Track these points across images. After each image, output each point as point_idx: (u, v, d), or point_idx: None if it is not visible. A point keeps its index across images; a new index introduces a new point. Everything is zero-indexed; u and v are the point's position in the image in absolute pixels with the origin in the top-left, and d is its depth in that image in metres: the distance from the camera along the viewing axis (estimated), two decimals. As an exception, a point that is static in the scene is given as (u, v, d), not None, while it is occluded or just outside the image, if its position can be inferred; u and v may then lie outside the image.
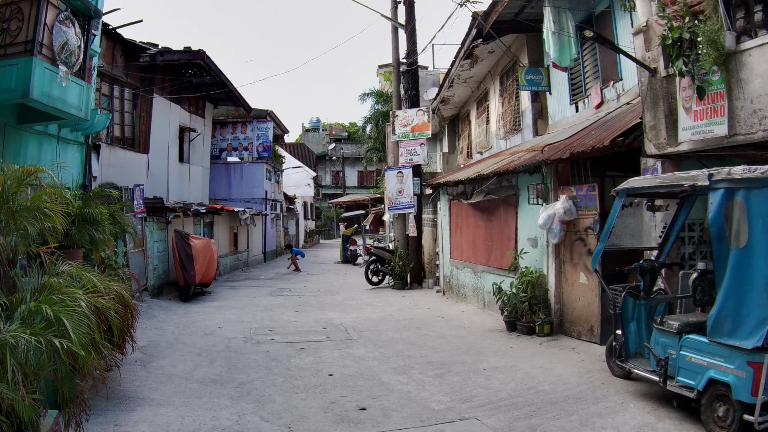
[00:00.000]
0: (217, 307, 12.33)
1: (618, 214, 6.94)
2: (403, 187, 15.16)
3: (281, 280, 18.03)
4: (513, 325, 9.82)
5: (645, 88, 7.69)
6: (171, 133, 18.05)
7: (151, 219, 12.92)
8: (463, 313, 11.61)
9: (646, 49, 7.67)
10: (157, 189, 16.78)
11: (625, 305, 6.78)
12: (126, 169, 14.86)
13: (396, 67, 16.03)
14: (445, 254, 13.98)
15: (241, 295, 14.29)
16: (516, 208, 10.75)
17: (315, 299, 13.78)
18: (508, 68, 14.74)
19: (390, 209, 15.37)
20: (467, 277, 12.79)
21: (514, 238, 10.79)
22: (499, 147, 15.88)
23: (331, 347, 8.71)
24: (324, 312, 11.90)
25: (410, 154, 15.25)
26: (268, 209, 24.57)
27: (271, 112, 24.35)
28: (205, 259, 13.05)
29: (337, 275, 19.43)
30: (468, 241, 12.76)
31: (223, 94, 21.09)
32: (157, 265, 13.21)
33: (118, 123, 15.25)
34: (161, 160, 17.28)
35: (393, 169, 15.49)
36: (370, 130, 47.84)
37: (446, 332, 9.84)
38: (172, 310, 11.87)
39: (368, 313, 11.83)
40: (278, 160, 28.17)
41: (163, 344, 8.84)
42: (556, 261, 9.55)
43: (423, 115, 15.33)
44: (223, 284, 16.59)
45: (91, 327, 4.04)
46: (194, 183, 19.84)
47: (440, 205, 14.38)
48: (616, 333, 6.77)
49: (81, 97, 9.44)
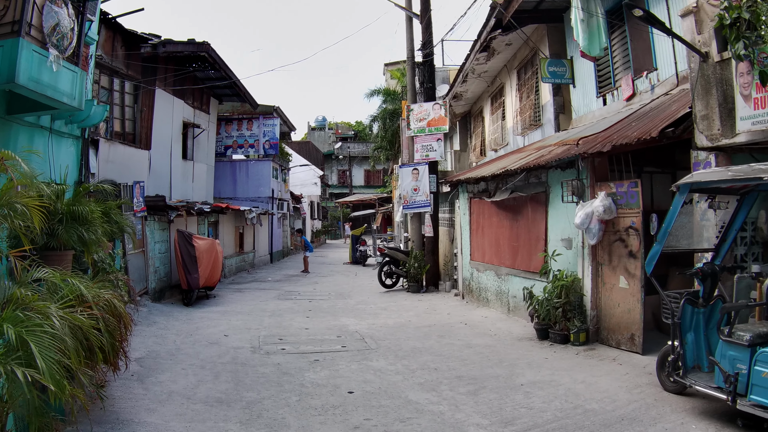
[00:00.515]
0: (222, 313, 11.53)
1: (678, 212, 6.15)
2: (419, 184, 14.33)
3: (289, 282, 17.22)
4: (544, 333, 9.01)
5: (695, 75, 6.98)
6: (174, 128, 17.28)
7: (152, 218, 12.14)
8: (487, 319, 10.79)
9: (697, 32, 6.99)
10: (160, 187, 16.02)
11: (684, 314, 5.99)
12: (126, 166, 14.11)
13: (410, 59, 15.22)
14: (465, 256, 13.15)
15: (247, 299, 13.49)
16: (546, 207, 9.94)
17: (326, 303, 12.97)
18: (527, 61, 14.00)
19: (405, 208, 14.55)
20: (490, 281, 11.96)
21: (543, 239, 9.97)
22: (516, 144, 15.15)
23: (348, 359, 7.90)
24: (337, 318, 11.09)
25: (426, 150, 14.42)
26: (274, 208, 23.78)
27: (277, 108, 23.56)
28: (209, 261, 12.26)
29: (347, 277, 18.62)
30: (491, 241, 11.93)
31: (228, 89, 20.33)
32: (158, 267, 12.42)
33: (119, 117, 14.48)
34: (164, 156, 16.51)
35: (408, 166, 14.66)
36: (378, 128, 47.14)
37: (472, 341, 9.02)
38: (174, 315, 11.08)
39: (384, 318, 11.01)
40: (285, 158, 27.39)
41: (164, 355, 8.04)
42: (593, 263, 8.74)
43: (440, 109, 14.50)
44: (228, 287, 15.80)
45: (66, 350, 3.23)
46: (198, 181, 19.06)
47: (459, 203, 13.56)
48: (672, 344, 5.99)
49: (74, 85, 8.64)
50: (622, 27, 10.22)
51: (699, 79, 6.88)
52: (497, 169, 10.95)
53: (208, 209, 14.54)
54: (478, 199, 12.37)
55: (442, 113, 14.49)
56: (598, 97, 11.15)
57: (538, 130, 13.56)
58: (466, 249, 13.05)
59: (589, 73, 11.24)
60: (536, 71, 13.17)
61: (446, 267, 14.65)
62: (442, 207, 15.17)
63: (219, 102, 21.50)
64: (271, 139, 23.19)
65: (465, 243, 13.11)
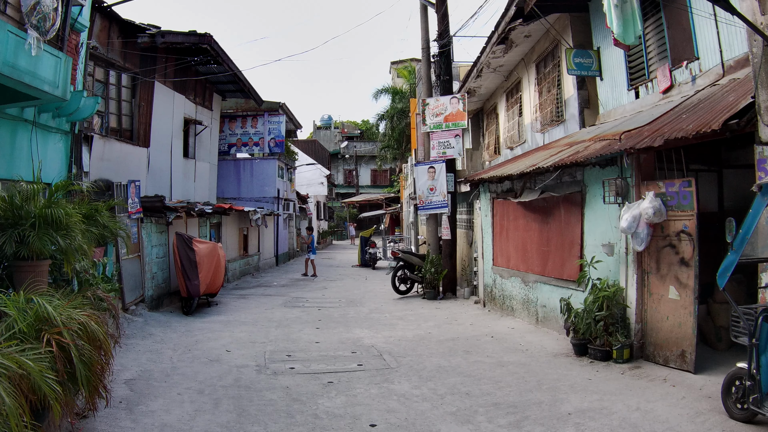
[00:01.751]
0: (224, 323, 10.60)
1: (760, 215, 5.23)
2: (435, 184, 13.38)
3: (296, 287, 16.29)
4: (583, 348, 8.07)
5: (758, 61, 6.17)
6: (175, 125, 16.38)
7: (148, 220, 11.22)
8: (514, 331, 9.83)
9: (761, 12, 6.11)
10: (159, 187, 15.13)
11: (762, 333, 5.07)
12: (123, 164, 13.23)
13: (425, 50, 14.27)
14: (487, 260, 12.19)
15: (251, 307, 12.55)
16: (581, 208, 8.99)
17: (337, 312, 12.02)
18: (547, 54, 13.13)
19: (420, 209, 13.59)
20: (515, 288, 11.00)
21: (578, 244, 9.02)
22: (534, 141, 14.28)
23: (367, 380, 6.95)
24: (350, 329, 10.14)
25: (443, 146, 13.47)
26: (280, 209, 22.86)
27: (283, 104, 22.64)
28: (210, 266, 11.34)
29: (357, 281, 17.66)
30: (517, 246, 10.97)
31: (232, 84, 19.43)
32: (155, 273, 11.50)
33: (115, 113, 13.59)
34: (164, 154, 15.61)
35: (423, 164, 13.70)
36: (384, 127, 46.20)
37: (503, 358, 8.06)
38: (173, 326, 10.15)
39: (402, 330, 10.06)
40: (291, 156, 26.48)
41: (158, 375, 7.11)
42: (638, 272, 7.80)
43: (458, 104, 13.55)
44: (231, 293, 14.87)
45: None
46: (200, 180, 18.16)
47: (479, 204, 12.60)
48: (743, 367, 5.20)
49: (57, 71, 7.73)
50: (657, 14, 9.33)
51: (763, 66, 6.05)
52: (525, 167, 9.99)
53: (210, 210, 13.63)
54: (503, 200, 11.42)
55: (460, 108, 13.54)
56: (630, 90, 10.32)
57: (560, 126, 12.67)
58: (488, 253, 12.09)
59: (618, 64, 10.40)
60: (558, 64, 12.38)
61: (464, 272, 13.69)
62: (460, 208, 14.22)
63: (222, 98, 20.61)
64: (276, 137, 22.27)
65: (487, 247, 12.16)
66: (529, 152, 13.20)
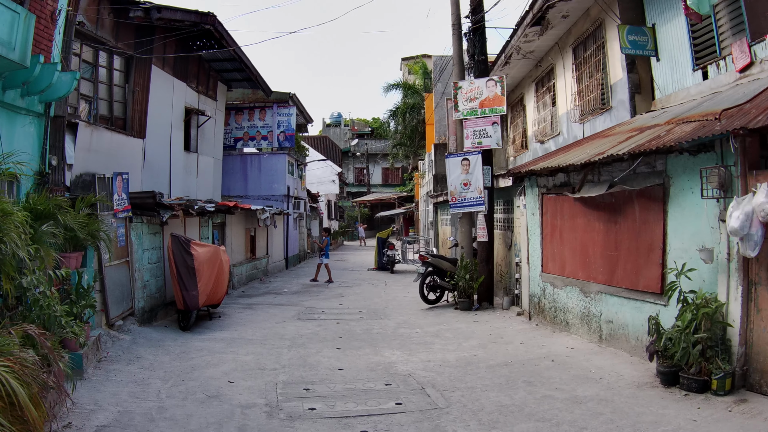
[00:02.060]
0: (227, 341, 8.93)
1: None
2: (470, 178, 11.68)
3: (309, 294, 14.59)
4: (672, 377, 6.38)
5: None
6: (174, 115, 14.78)
7: (138, 220, 9.57)
8: (576, 352, 8.12)
9: None
10: (157, 183, 13.54)
11: None
12: (114, 157, 11.65)
13: (456, 26, 12.57)
14: (534, 266, 10.48)
15: (259, 319, 10.88)
16: (663, 204, 7.29)
17: (359, 326, 10.33)
18: (587, 36, 11.68)
19: (453, 207, 11.88)
20: (571, 299, 9.29)
21: (659, 248, 7.31)
22: (571, 133, 12.80)
23: (411, 428, 5.27)
24: (378, 349, 8.46)
25: (478, 135, 11.77)
26: (290, 208, 21.20)
27: (293, 95, 20.99)
28: (211, 273, 9.69)
29: (376, 287, 15.95)
30: (574, 249, 9.27)
31: (238, 72, 17.81)
32: (147, 281, 9.86)
33: (105, 98, 12.00)
34: (161, 147, 14.01)
35: (456, 156, 11.99)
36: (396, 124, 44.54)
37: (576, 391, 6.37)
38: (166, 345, 8.50)
39: (441, 351, 8.37)
40: (302, 152, 24.84)
41: (139, 421, 5.44)
42: (744, 283, 6.12)
43: (495, 87, 11.85)
44: (237, 301, 13.21)
45: None
46: (203, 176, 16.55)
47: (523, 201, 10.89)
48: None
49: (14, 29, 6.08)
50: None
51: None
52: (588, 156, 8.27)
53: (213, 209, 11.97)
54: (555, 196, 9.72)
55: (497, 91, 11.84)
56: (695, 70, 8.82)
57: (605, 114, 11.20)
58: (536, 258, 10.38)
59: (679, 42, 8.95)
60: (601, 46, 11.01)
61: (502, 279, 11.97)
62: (497, 206, 12.52)
63: (228, 88, 18.99)
64: (286, 130, 20.62)
65: (534, 251, 10.45)
66: (573, 144, 11.57)
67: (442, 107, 30.62)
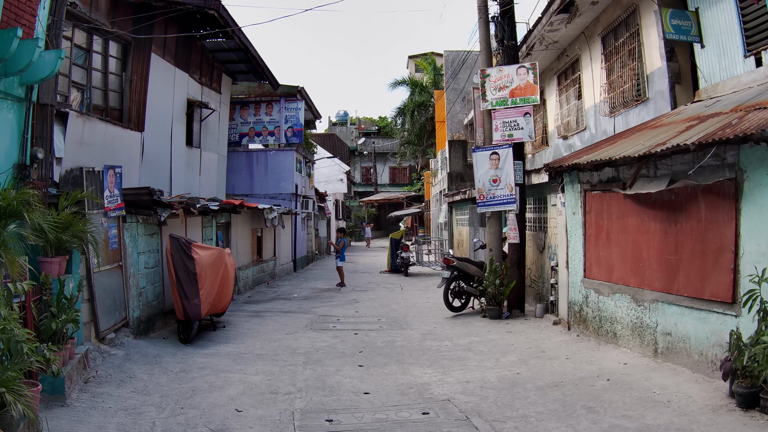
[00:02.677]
0: (234, 356, 7.87)
1: None
2: (500, 174, 10.60)
3: (321, 300, 13.52)
4: (752, 399, 5.38)
5: None
6: (176, 107, 13.76)
7: (133, 219, 8.52)
8: (631, 369, 7.05)
9: None
10: (156, 179, 12.54)
11: None
12: (110, 150, 10.67)
13: (482, 8, 11.48)
14: (574, 271, 9.39)
15: (269, 329, 9.81)
16: (736, 201, 6.22)
17: (380, 337, 9.26)
18: (618, 23, 10.94)
19: (480, 206, 10.79)
20: (620, 308, 8.21)
21: (731, 251, 6.25)
22: (600, 127, 11.99)
23: (465, 479, 4.20)
24: (405, 366, 7.39)
25: (509, 127, 10.69)
26: (298, 207, 20.15)
27: (302, 88, 19.93)
28: (215, 279, 8.64)
29: (391, 292, 14.87)
30: (624, 252, 8.19)
31: (244, 64, 16.78)
32: (144, 288, 8.81)
33: (100, 87, 10.99)
34: (162, 141, 12.99)
35: (484, 150, 10.90)
36: (403, 122, 43.45)
37: (646, 418, 5.31)
38: (163, 362, 7.45)
39: (478, 369, 7.29)
40: (310, 148, 23.78)
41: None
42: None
43: (526, 74, 10.79)
44: (243, 308, 12.16)
45: None
46: (207, 173, 15.52)
47: (562, 198, 9.81)
48: None
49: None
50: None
51: None
52: (647, 147, 7.18)
53: (216, 207, 10.92)
54: (601, 193, 8.65)
55: (530, 79, 10.77)
56: (747, 57, 7.93)
57: (639, 107, 10.41)
58: (577, 262, 9.30)
59: (728, 26, 8.16)
60: (636, 33, 10.30)
61: (534, 284, 10.88)
62: (528, 204, 11.45)
63: (233, 81, 17.94)
64: (294, 125, 19.57)
65: (575, 254, 9.37)
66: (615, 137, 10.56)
67: (455, 103, 29.55)
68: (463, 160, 21.90)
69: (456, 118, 29.21)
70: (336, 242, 15.98)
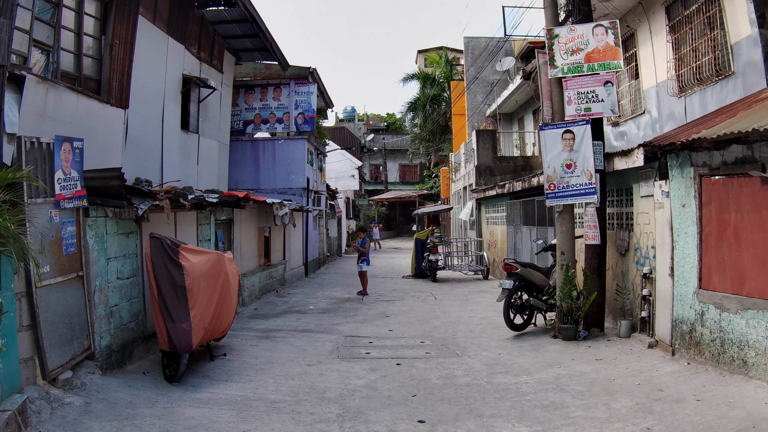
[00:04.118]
0: (238, 406, 5.60)
1: None
2: (575, 157, 8.33)
3: (343, 313, 11.20)
4: None
5: None
6: (169, 83, 11.55)
7: (100, 213, 6.27)
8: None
9: None
10: (145, 167, 10.39)
11: None
12: (83, 129, 8.46)
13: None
14: (683, 280, 7.13)
15: (284, 358, 7.53)
16: None
17: (432, 369, 6.97)
18: None
19: (551, 197, 8.50)
20: (758, 329, 5.98)
21: None
22: (665, 109, 10.39)
23: None
24: (488, 425, 5.11)
25: (585, 99, 8.45)
26: (309, 204, 17.90)
27: (314, 70, 17.68)
28: (212, 294, 6.39)
29: (425, 302, 12.52)
30: (764, 256, 5.96)
31: (249, 40, 14.58)
32: (117, 305, 6.55)
33: (71, 50, 8.80)
34: (151, 121, 10.79)
35: (555, 127, 8.63)
36: (413, 117, 41.21)
37: None
38: (138, 418, 5.19)
39: (590, 425, 5.01)
40: (322, 139, 21.53)
41: None
42: None
43: (605, 35, 8.56)
44: (248, 325, 9.91)
45: None
46: (206, 163, 13.30)
47: (664, 187, 7.54)
48: None
49: None
50: None
51: None
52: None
53: (215, 200, 8.66)
54: (727, 178, 6.42)
55: (609, 41, 8.53)
56: None
57: (722, 82, 8.85)
58: (688, 269, 7.03)
59: None
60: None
61: (618, 296, 8.58)
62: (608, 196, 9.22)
63: (237, 60, 15.71)
64: (305, 111, 17.32)
65: (684, 258, 7.10)
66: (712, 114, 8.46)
67: (477, 94, 27.34)
68: (492, 152, 19.62)
69: (477, 108, 27.02)
70: (360, 243, 13.65)
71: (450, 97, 33.17)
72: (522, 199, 13.97)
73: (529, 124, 21.76)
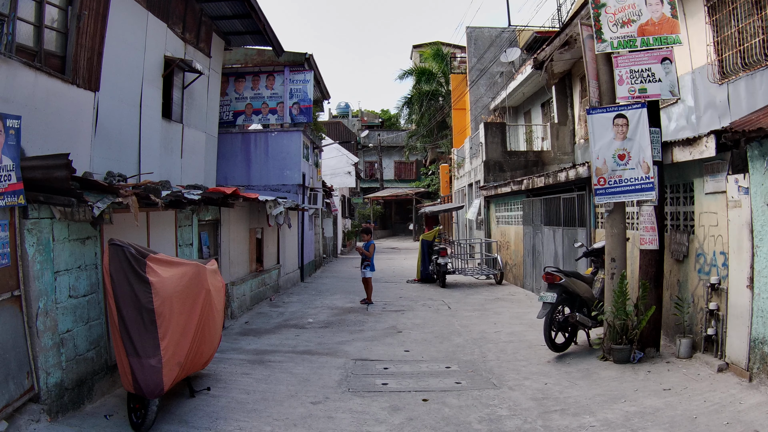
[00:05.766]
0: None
1: None
2: (628, 146, 7.02)
3: (348, 327, 9.79)
4: None
5: None
6: (148, 64, 10.15)
7: (45, 213, 4.85)
8: None
9: None
10: (119, 159, 9.04)
11: None
12: (42, 113, 7.20)
13: None
14: (767, 293, 5.83)
15: (281, 394, 6.11)
16: None
17: (469, 409, 5.59)
18: None
19: (601, 194, 7.17)
20: None
21: None
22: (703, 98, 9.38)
23: None
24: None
25: (639, 78, 7.14)
26: (305, 202, 16.50)
27: (310, 56, 16.28)
28: (189, 318, 4.99)
29: (438, 313, 11.11)
30: None
31: (239, 21, 13.18)
32: (69, 330, 5.13)
33: (32, 21, 7.42)
34: (127, 107, 9.39)
35: (605, 111, 7.30)
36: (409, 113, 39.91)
37: None
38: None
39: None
40: (319, 132, 20.12)
41: None
42: None
43: (660, 5, 7.25)
44: (238, 344, 8.50)
45: None
46: (191, 156, 11.89)
47: (741, 182, 6.24)
48: None
49: None
50: None
51: None
52: None
53: (197, 197, 7.23)
54: None
55: (665, 12, 7.22)
56: None
57: None
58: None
59: None
60: None
61: (680, 310, 7.24)
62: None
63: (227, 45, 14.27)
64: (301, 101, 15.92)
65: (766, 267, 5.80)
66: None
67: (480, 86, 26.04)
68: (502, 147, 18.29)
69: (480, 102, 25.70)
70: (365, 246, 12.27)
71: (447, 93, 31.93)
72: (543, 197, 12.63)
73: (537, 118, 20.48)
